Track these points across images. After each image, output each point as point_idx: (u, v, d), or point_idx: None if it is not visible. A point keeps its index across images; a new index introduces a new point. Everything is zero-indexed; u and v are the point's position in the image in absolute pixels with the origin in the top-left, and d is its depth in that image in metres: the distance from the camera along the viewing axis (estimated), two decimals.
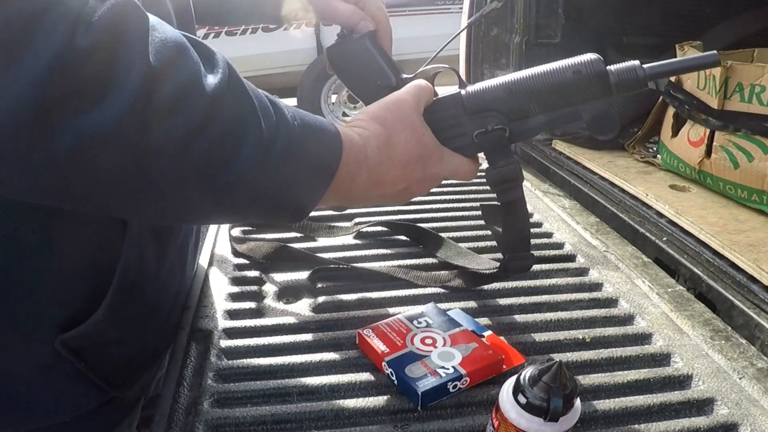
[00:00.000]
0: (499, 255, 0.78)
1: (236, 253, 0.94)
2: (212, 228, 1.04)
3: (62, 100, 0.36)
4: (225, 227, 1.02)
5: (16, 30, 0.33)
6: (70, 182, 0.39)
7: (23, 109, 0.35)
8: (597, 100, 0.65)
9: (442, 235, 0.98)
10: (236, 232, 1.00)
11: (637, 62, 0.65)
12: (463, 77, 1.65)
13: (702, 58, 0.67)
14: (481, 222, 0.90)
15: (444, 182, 1.23)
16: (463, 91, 0.68)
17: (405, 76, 0.74)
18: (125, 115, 0.38)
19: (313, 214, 0.56)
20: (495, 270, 0.82)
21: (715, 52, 0.68)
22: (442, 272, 0.87)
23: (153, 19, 0.41)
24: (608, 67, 0.65)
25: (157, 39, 0.40)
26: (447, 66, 0.74)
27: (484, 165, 0.69)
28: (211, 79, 0.43)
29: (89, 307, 0.57)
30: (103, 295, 0.57)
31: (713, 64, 0.67)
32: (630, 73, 0.64)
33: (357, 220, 1.05)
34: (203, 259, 0.95)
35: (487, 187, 0.71)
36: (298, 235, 1.01)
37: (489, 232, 0.95)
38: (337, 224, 1.04)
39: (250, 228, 1.03)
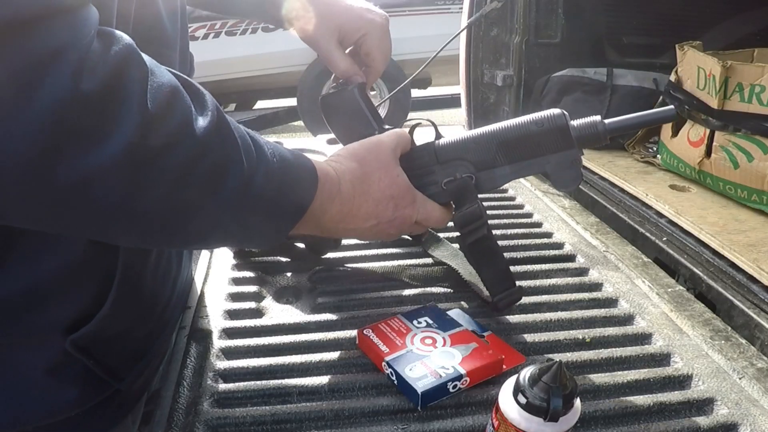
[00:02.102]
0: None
1: (235, 251, 0.95)
2: None
3: (65, 141, 0.38)
4: None
5: (27, 74, 0.36)
6: (69, 214, 0.43)
7: (29, 148, 0.37)
8: (561, 153, 0.68)
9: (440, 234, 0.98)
10: None
11: (597, 117, 0.69)
12: (463, 77, 1.66)
13: (661, 113, 0.71)
14: None
15: None
16: (436, 142, 0.72)
17: (387, 126, 0.77)
18: (122, 156, 0.41)
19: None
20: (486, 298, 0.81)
21: (672, 107, 0.75)
22: (438, 270, 0.88)
23: (150, 62, 0.44)
24: (571, 122, 0.68)
25: (154, 84, 0.43)
26: (428, 120, 0.78)
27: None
28: (201, 122, 0.46)
29: (95, 305, 0.58)
30: (108, 292, 0.58)
31: (671, 119, 0.71)
32: (591, 128, 0.68)
33: None
34: (203, 260, 0.95)
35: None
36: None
37: None
38: None
39: None
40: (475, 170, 0.70)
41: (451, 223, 0.73)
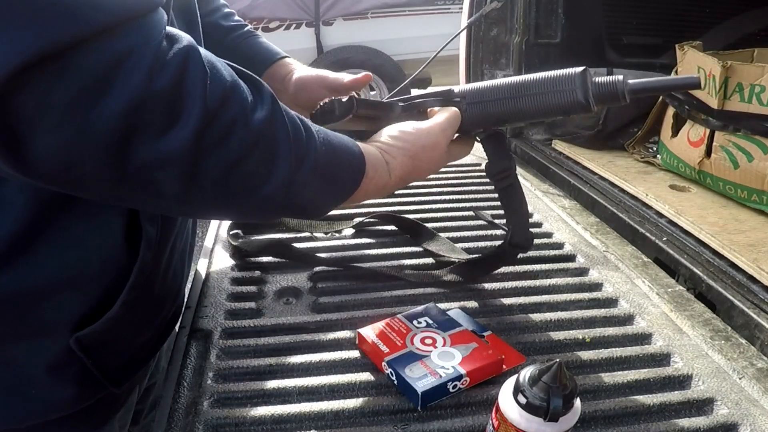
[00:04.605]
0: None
1: (235, 251, 0.95)
2: (212, 229, 1.04)
3: (136, 132, 0.43)
4: (224, 227, 1.02)
5: (105, 71, 0.40)
6: (134, 193, 0.48)
7: (108, 135, 0.42)
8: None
9: (441, 234, 0.98)
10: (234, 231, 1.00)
11: (620, 77, 0.69)
12: (463, 77, 1.66)
13: (686, 79, 0.73)
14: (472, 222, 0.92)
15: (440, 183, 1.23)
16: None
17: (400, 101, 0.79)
18: (184, 145, 0.45)
19: None
20: (493, 251, 0.86)
21: (696, 76, 0.74)
22: (439, 270, 0.88)
23: (210, 57, 0.48)
24: (594, 78, 0.70)
25: (214, 78, 0.47)
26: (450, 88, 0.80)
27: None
28: (257, 114, 0.50)
29: (103, 306, 0.59)
30: (118, 294, 0.59)
31: (695, 86, 0.71)
32: (611, 86, 0.69)
33: (356, 219, 1.05)
34: (203, 260, 0.95)
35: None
36: (298, 234, 1.01)
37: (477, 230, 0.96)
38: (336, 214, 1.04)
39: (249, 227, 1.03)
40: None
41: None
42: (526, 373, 0.53)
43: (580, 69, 0.69)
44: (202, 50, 0.47)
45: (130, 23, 0.41)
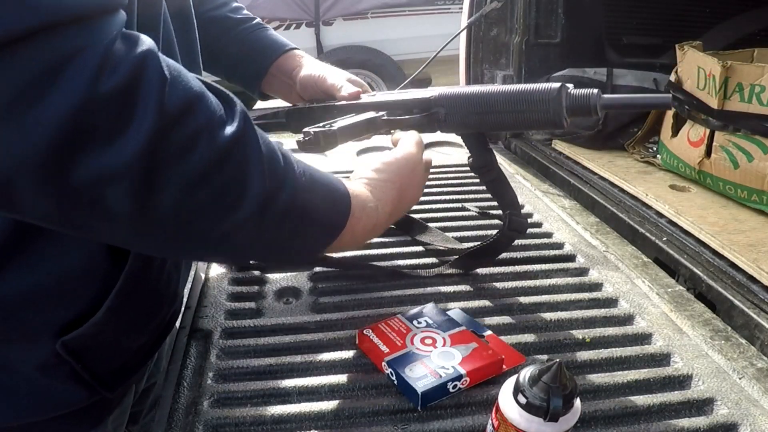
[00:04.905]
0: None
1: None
2: None
3: (80, 139, 0.38)
4: None
5: (42, 78, 0.36)
6: (80, 214, 0.42)
7: (45, 147, 0.37)
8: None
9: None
10: None
11: (595, 90, 0.72)
12: (463, 77, 1.66)
13: (657, 99, 0.77)
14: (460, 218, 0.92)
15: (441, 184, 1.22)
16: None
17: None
18: (136, 157, 0.40)
19: None
20: (491, 239, 0.88)
21: (668, 95, 0.76)
22: (441, 267, 0.89)
23: (173, 66, 0.43)
24: (569, 91, 0.73)
25: (176, 85, 0.42)
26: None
27: None
28: (226, 129, 0.45)
29: (91, 311, 0.58)
30: (105, 299, 0.58)
31: (665, 107, 0.76)
32: (584, 99, 0.71)
33: None
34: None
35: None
36: None
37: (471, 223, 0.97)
38: None
39: None
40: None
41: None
42: (526, 373, 0.53)
43: (556, 86, 0.70)
44: (167, 59, 0.44)
45: (82, 22, 0.38)
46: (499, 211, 0.86)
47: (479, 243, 0.89)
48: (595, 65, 1.52)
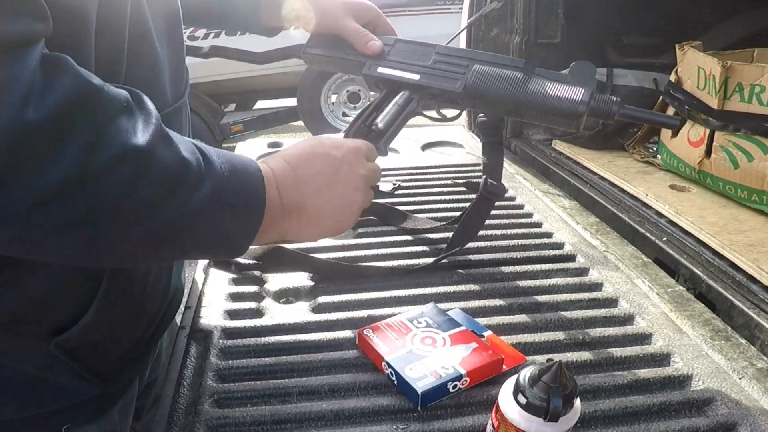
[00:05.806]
0: None
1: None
2: None
3: (13, 165, 0.40)
4: None
5: None
6: (26, 235, 0.44)
7: None
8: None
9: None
10: None
11: (615, 98, 0.76)
12: None
13: (667, 118, 0.80)
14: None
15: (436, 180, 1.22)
16: None
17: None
18: (69, 177, 0.42)
19: None
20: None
21: (678, 118, 0.82)
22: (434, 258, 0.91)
23: (97, 85, 0.45)
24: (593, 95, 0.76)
25: (101, 107, 0.44)
26: None
27: None
28: (143, 138, 0.47)
29: (81, 311, 0.59)
30: (94, 299, 0.59)
31: (672, 126, 0.78)
32: (606, 104, 0.75)
33: None
34: (203, 260, 0.95)
35: None
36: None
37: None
38: None
39: None
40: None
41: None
42: (526, 373, 0.53)
43: (587, 98, 0.74)
44: (92, 77, 0.45)
45: (6, 54, 0.39)
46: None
47: (459, 213, 0.93)
48: (595, 65, 1.51)
